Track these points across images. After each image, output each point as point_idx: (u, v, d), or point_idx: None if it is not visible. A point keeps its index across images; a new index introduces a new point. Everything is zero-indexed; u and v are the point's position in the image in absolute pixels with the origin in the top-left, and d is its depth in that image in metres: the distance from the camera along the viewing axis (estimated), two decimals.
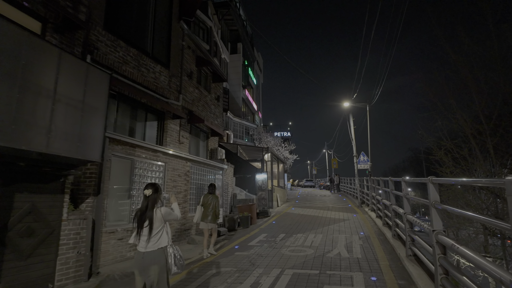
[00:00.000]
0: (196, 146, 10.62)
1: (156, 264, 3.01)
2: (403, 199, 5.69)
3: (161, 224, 3.17)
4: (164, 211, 3.23)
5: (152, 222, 3.10)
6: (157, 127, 8.42)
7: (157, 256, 3.04)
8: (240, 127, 24.08)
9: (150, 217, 3.11)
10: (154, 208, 3.19)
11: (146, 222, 3.09)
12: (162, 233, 3.16)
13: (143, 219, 3.11)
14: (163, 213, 3.20)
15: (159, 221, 3.15)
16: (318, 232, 8.76)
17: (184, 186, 8.38)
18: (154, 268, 3.00)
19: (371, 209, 12.95)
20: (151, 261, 3.00)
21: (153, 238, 3.07)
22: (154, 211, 3.16)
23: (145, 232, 3.07)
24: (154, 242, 3.07)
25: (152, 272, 3.00)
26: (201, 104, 10.54)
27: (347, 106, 15.95)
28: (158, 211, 3.19)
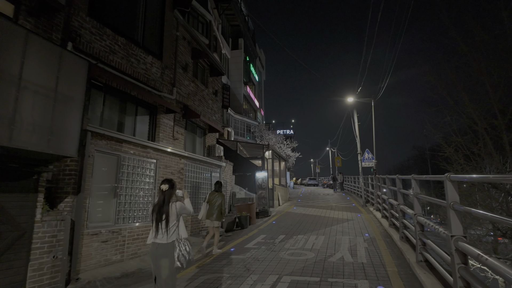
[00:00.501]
0: (193, 143, 10.15)
1: (167, 257, 3.18)
2: (413, 199, 5.15)
3: (176, 218, 3.35)
4: (179, 206, 3.40)
5: (168, 216, 3.27)
6: (149, 122, 7.95)
7: (169, 249, 3.21)
8: (241, 124, 23.58)
9: (167, 211, 3.28)
10: (170, 202, 3.36)
11: (163, 216, 3.26)
12: (176, 227, 3.34)
13: (161, 213, 3.28)
14: (177, 208, 3.38)
15: (174, 215, 3.33)
16: (320, 234, 8.24)
17: (177, 184, 7.89)
18: (165, 261, 3.16)
19: (376, 209, 12.40)
20: (163, 254, 3.17)
21: (168, 231, 3.24)
22: (170, 206, 3.33)
23: (162, 225, 3.23)
24: (169, 235, 3.24)
25: (163, 264, 3.16)
26: (197, 99, 10.05)
27: (351, 102, 15.36)
28: (173, 205, 3.36)
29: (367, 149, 14.85)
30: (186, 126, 9.50)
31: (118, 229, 5.91)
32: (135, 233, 6.35)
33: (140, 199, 6.66)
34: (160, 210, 3.30)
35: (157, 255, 3.18)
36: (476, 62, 9.45)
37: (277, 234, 8.42)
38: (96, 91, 6.47)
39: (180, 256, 3.26)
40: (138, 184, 6.61)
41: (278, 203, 15.46)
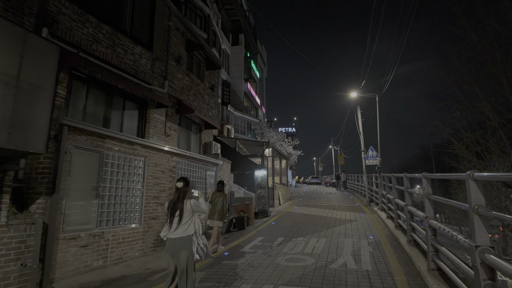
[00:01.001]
0: (187, 140, 9.65)
1: (186, 249, 3.39)
2: (425, 200, 4.62)
3: (190, 214, 3.54)
4: (193, 203, 3.58)
5: (183, 212, 3.47)
6: (138, 117, 7.46)
7: (186, 242, 3.41)
8: (241, 121, 23.06)
9: (181, 208, 3.48)
10: (185, 199, 3.54)
11: (177, 212, 3.46)
12: (190, 222, 3.53)
13: (175, 209, 3.48)
14: (192, 205, 3.57)
15: (188, 211, 3.52)
16: (321, 236, 7.72)
17: (169, 183, 7.41)
18: (184, 252, 3.38)
19: (381, 209, 11.85)
20: (181, 246, 3.37)
21: (182, 226, 3.44)
22: (184, 203, 3.52)
23: (176, 220, 3.44)
24: (184, 229, 3.44)
25: (182, 256, 3.37)
26: (192, 93, 9.55)
27: (354, 97, 14.77)
28: (188, 202, 3.55)
29: (371, 147, 14.30)
30: (179, 122, 9.01)
31: (100, 232, 5.43)
32: (121, 237, 5.87)
33: (127, 199, 6.17)
34: (175, 206, 3.51)
35: (176, 248, 3.39)
36: (488, 53, 8.84)
37: (276, 236, 7.91)
38: (78, 83, 5.98)
39: (198, 249, 3.52)
40: (124, 184, 6.12)
41: (278, 203, 14.95)
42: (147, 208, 6.62)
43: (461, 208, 3.02)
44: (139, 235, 6.35)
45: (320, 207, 14.13)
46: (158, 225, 6.93)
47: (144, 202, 6.57)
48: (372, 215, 11.24)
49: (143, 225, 6.47)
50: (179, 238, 3.41)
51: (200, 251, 3.55)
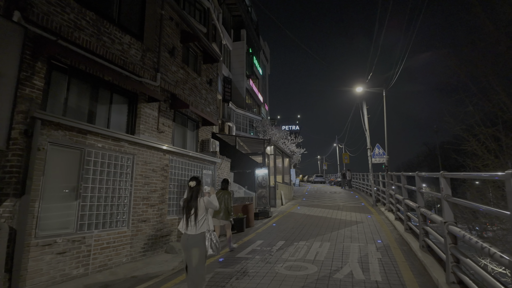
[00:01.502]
0: (183, 137, 9.14)
1: (197, 246, 3.50)
2: (443, 203, 4.03)
3: (204, 212, 3.69)
4: (207, 201, 3.72)
5: (197, 210, 3.61)
6: (127, 112, 6.96)
7: (198, 239, 3.53)
8: (243, 119, 22.52)
9: (195, 206, 3.61)
10: (198, 198, 3.67)
11: (192, 210, 3.60)
12: (204, 219, 3.66)
13: (190, 207, 3.61)
14: (205, 202, 3.70)
15: (202, 209, 3.66)
16: (325, 239, 7.17)
17: (160, 183, 6.90)
18: (195, 250, 3.49)
19: (388, 209, 11.24)
20: (194, 244, 3.50)
21: (198, 224, 3.57)
22: (198, 201, 3.65)
23: (192, 218, 3.57)
24: (198, 227, 3.57)
25: (193, 253, 3.49)
26: (187, 87, 9.02)
27: (360, 92, 14.13)
28: (201, 200, 3.69)
29: (377, 144, 13.67)
30: (174, 118, 8.49)
31: (80, 237, 4.94)
32: (105, 241, 5.37)
33: (113, 200, 5.67)
34: (189, 205, 3.64)
35: (188, 245, 3.52)
36: (506, 42, 8.18)
37: (276, 239, 7.37)
38: (59, 74, 5.48)
39: (212, 244, 3.63)
40: (109, 184, 5.62)
41: (281, 202, 14.41)
42: (135, 210, 6.12)
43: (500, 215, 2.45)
44: (127, 239, 5.85)
45: (324, 207, 13.56)
46: (149, 228, 6.43)
47: (133, 203, 6.07)
48: (379, 216, 10.65)
49: (131, 228, 5.97)
50: (193, 236, 3.56)
51: (213, 246, 3.68)
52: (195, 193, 3.69)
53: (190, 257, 3.51)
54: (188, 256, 3.53)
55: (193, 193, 3.68)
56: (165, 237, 6.93)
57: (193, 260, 3.50)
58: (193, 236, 3.55)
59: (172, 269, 5.58)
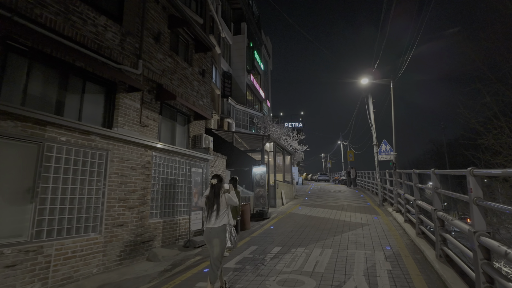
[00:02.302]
0: (171, 132, 8.39)
1: (218, 237, 3.92)
2: (472, 207, 3.22)
3: (225, 207, 4.08)
4: (227, 197, 4.10)
5: (219, 206, 4.01)
6: (104, 103, 6.22)
7: (220, 231, 3.95)
8: (243, 115, 21.73)
9: (218, 202, 4.01)
10: (220, 194, 4.07)
11: (215, 206, 4.00)
12: (226, 214, 4.06)
13: (212, 204, 4.01)
14: (226, 199, 4.09)
15: (224, 205, 4.06)
16: (327, 245, 6.38)
17: (141, 182, 6.16)
18: (216, 241, 3.90)
19: (396, 210, 10.41)
20: (215, 235, 3.92)
21: (219, 218, 3.98)
22: (220, 197, 4.05)
23: (214, 214, 3.97)
24: (220, 220, 3.97)
25: (215, 243, 3.90)
26: (176, 78, 8.26)
27: (365, 84, 13.23)
28: (223, 197, 4.08)
29: (384, 140, 12.79)
30: (161, 111, 7.74)
31: (37, 246, 4.21)
32: (70, 250, 4.64)
33: (81, 202, 4.94)
34: (212, 201, 3.98)
35: (211, 236, 3.90)
36: None
37: (272, 245, 6.60)
38: (17, 57, 4.75)
39: (231, 237, 4.28)
40: (76, 183, 4.89)
41: (281, 202, 13.62)
42: (110, 213, 5.39)
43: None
44: (98, 247, 5.12)
45: (327, 207, 12.74)
46: (126, 233, 5.69)
47: (106, 205, 5.33)
48: (386, 218, 9.82)
49: (104, 234, 5.24)
50: (215, 228, 3.93)
51: (232, 240, 4.25)
52: (217, 190, 4.06)
53: (213, 247, 3.89)
54: (211, 246, 3.91)
55: (215, 190, 4.05)
56: (147, 243, 6.19)
57: (215, 249, 3.89)
58: (215, 228, 3.93)
59: (149, 281, 4.84)
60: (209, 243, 3.95)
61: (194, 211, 7.21)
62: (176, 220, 7.15)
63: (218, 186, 4.07)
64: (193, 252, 6.57)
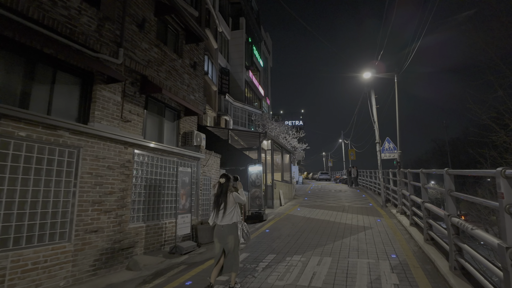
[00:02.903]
0: (158, 128, 7.78)
1: (232, 234, 4.06)
2: (503, 216, 2.60)
3: (233, 205, 4.18)
4: (235, 195, 4.20)
5: (226, 204, 4.12)
6: (79, 95, 5.62)
7: (232, 228, 4.09)
8: (242, 113, 21.11)
9: (225, 201, 4.13)
10: (227, 193, 4.17)
11: (222, 204, 4.11)
12: (234, 211, 4.17)
13: (220, 202, 4.13)
14: (234, 197, 4.19)
15: (231, 203, 4.16)
16: (326, 253, 5.77)
17: (120, 183, 5.57)
18: (231, 237, 4.04)
19: (401, 212, 9.79)
20: (228, 232, 4.05)
21: (228, 215, 4.11)
22: (227, 196, 4.16)
23: (221, 212, 4.10)
24: (230, 218, 4.11)
25: (229, 240, 4.03)
26: (164, 70, 7.66)
27: (368, 78, 12.58)
28: (230, 195, 4.18)
29: (387, 138, 12.17)
30: (146, 105, 7.14)
31: None
32: (30, 261, 4.05)
33: (46, 206, 4.35)
34: (219, 199, 4.14)
35: (223, 234, 4.05)
36: None
37: (265, 252, 6.01)
38: None
39: (243, 233, 4.25)
40: (39, 185, 4.30)
41: (279, 203, 13.02)
42: (82, 217, 4.80)
43: None
44: (67, 257, 4.53)
45: (327, 208, 12.13)
46: (102, 240, 5.10)
47: (77, 209, 4.74)
48: (390, 220, 9.20)
49: (74, 241, 4.65)
50: (227, 225, 4.05)
51: (244, 235, 4.22)
52: (224, 188, 4.16)
53: (227, 244, 4.01)
54: (225, 243, 4.02)
55: (223, 189, 4.16)
56: (127, 250, 5.60)
57: (230, 246, 4.01)
58: (228, 226, 4.06)
59: None
60: (222, 240, 4.05)
61: (181, 214, 6.62)
62: (161, 224, 6.56)
63: (226, 185, 4.19)
64: (179, 259, 5.98)
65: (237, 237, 4.10)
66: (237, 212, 4.22)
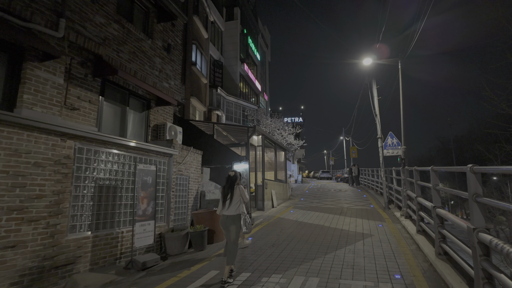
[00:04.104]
0: (120, 118, 6.66)
1: (234, 224, 4.43)
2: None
3: (239, 198, 4.56)
4: (241, 190, 4.60)
5: (233, 195, 4.51)
6: (4, 75, 4.50)
7: (235, 219, 4.46)
8: (236, 108, 19.94)
9: (231, 192, 4.53)
10: (234, 186, 4.59)
11: (229, 195, 4.51)
12: (239, 203, 4.56)
13: (226, 193, 4.55)
14: (240, 190, 4.59)
15: (237, 195, 4.55)
16: (313, 270, 4.63)
17: (53, 185, 4.45)
18: (233, 227, 4.41)
19: (405, 215, 8.62)
20: (231, 222, 4.43)
21: (233, 206, 4.48)
22: (234, 188, 4.57)
23: (227, 203, 4.49)
24: (235, 209, 4.48)
25: (231, 229, 4.40)
26: (127, 50, 6.52)
27: (369, 65, 11.34)
28: (237, 188, 4.58)
29: (390, 132, 10.97)
30: (103, 91, 6.02)
31: None
32: None
33: None
34: (226, 191, 4.56)
35: (227, 223, 4.42)
36: None
37: (238, 270, 4.85)
38: None
39: (246, 223, 4.74)
40: None
41: (271, 204, 11.87)
42: None
43: None
44: None
45: (323, 210, 10.98)
46: (23, 257, 3.99)
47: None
48: (393, 225, 8.04)
49: None
50: (231, 216, 4.45)
51: (247, 225, 4.74)
52: (232, 181, 4.61)
53: (229, 233, 4.40)
54: (227, 232, 4.43)
55: (231, 182, 4.61)
56: (63, 268, 4.49)
57: (231, 235, 4.38)
58: (232, 216, 4.44)
59: None
60: (225, 229, 4.42)
61: (140, 222, 5.49)
62: (116, 234, 5.44)
63: (234, 178, 4.63)
64: (132, 278, 4.85)
65: (238, 228, 4.44)
66: (243, 204, 4.62)
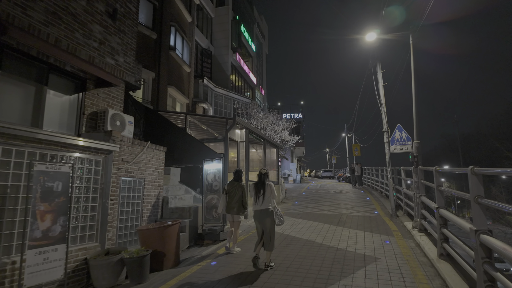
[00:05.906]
0: (33, 102, 4.91)
1: (269, 217, 4.85)
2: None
3: (270, 193, 4.96)
4: (271, 187, 5.01)
5: (265, 191, 4.94)
6: None
7: (269, 213, 4.86)
8: (226, 101, 18.13)
9: (263, 188, 4.96)
10: (266, 182, 5.03)
11: (261, 191, 4.95)
12: (270, 198, 4.94)
13: (259, 189, 4.98)
14: (271, 187, 5.00)
15: (269, 191, 4.95)
16: None
17: None
18: (268, 220, 4.83)
19: (419, 228, 6.80)
20: (266, 215, 4.85)
21: (266, 201, 4.89)
22: (266, 185, 4.99)
23: (260, 198, 4.91)
24: (267, 203, 4.89)
25: (267, 222, 4.83)
26: (42, 9, 4.75)
27: (372, 41, 9.47)
28: (269, 185, 5.01)
29: (398, 125, 9.13)
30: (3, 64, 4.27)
31: None
32: None
33: None
34: (259, 187, 4.99)
35: (262, 217, 4.86)
36: None
37: None
38: None
39: (279, 216, 4.93)
40: None
41: None
42: None
43: None
44: None
45: (318, 218, 9.20)
46: None
47: None
48: (404, 243, 6.24)
49: None
50: (265, 210, 4.87)
51: (280, 218, 4.92)
52: (263, 178, 5.07)
53: (266, 225, 4.81)
54: (264, 224, 4.84)
55: (262, 178, 5.07)
56: None
57: (268, 226, 4.81)
58: (265, 210, 4.85)
59: None
60: (261, 222, 4.88)
61: (37, 248, 3.76)
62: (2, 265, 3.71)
63: (265, 175, 5.12)
64: None
65: (273, 220, 4.87)
66: (274, 199, 4.97)
